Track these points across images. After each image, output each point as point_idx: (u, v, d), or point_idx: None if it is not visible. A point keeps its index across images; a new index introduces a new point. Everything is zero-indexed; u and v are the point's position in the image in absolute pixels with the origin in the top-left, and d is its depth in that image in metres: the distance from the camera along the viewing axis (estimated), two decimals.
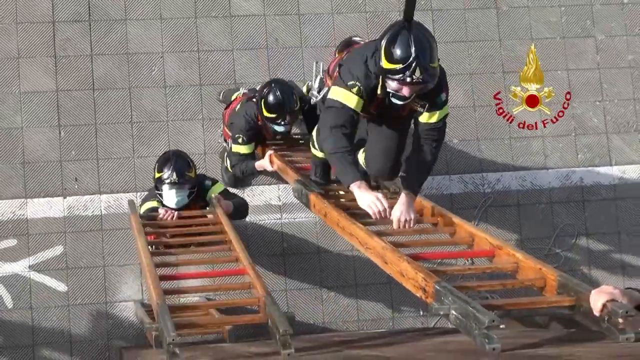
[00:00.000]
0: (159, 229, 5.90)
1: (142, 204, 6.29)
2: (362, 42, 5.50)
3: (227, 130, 6.69)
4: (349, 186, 4.77)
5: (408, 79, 4.46)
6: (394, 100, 4.69)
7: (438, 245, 5.25)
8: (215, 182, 6.30)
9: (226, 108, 6.86)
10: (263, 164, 6.43)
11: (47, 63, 7.00)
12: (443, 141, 5.07)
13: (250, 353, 4.64)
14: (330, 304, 7.05)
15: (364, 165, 5.63)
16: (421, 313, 7.07)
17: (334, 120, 4.76)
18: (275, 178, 6.89)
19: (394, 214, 4.78)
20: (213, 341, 6.10)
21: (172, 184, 5.98)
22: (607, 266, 7.37)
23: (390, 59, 4.49)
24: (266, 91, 6.28)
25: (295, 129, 6.75)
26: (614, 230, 7.43)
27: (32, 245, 6.78)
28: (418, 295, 4.00)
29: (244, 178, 6.79)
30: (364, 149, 5.59)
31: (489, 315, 3.44)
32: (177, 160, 6.08)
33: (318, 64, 6.35)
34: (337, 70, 4.96)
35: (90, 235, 6.84)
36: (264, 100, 6.26)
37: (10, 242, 6.77)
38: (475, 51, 7.49)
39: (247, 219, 6.58)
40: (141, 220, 5.83)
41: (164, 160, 6.10)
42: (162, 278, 4.91)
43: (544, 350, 3.50)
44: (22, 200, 6.83)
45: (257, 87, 6.53)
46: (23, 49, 6.98)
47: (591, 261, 7.36)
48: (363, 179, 4.79)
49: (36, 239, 6.79)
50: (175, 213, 5.94)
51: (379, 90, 4.70)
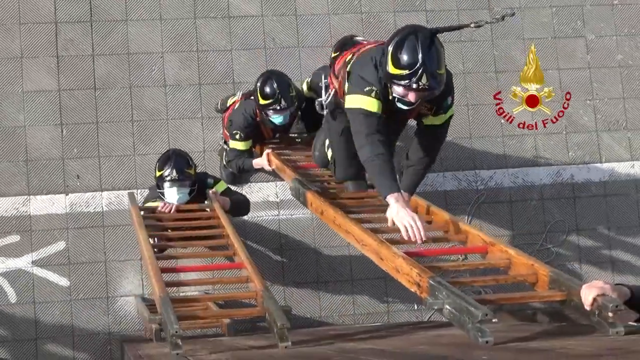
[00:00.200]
0: (157, 222, 5.92)
1: (144, 203, 6.33)
2: (365, 42, 5.38)
3: (226, 132, 6.70)
4: (385, 197, 4.50)
5: (414, 85, 4.38)
6: (399, 105, 4.57)
7: (432, 242, 5.14)
8: (217, 181, 6.34)
9: (225, 111, 6.86)
10: (261, 162, 6.44)
11: (50, 63, 7.02)
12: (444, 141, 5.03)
13: (249, 346, 4.63)
14: (327, 298, 7.07)
15: (330, 160, 5.58)
16: (415, 307, 7.08)
17: (367, 128, 4.55)
18: (273, 175, 6.90)
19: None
20: (212, 335, 6.11)
21: (173, 181, 6.06)
22: (597, 261, 7.40)
23: (397, 64, 4.39)
24: (262, 79, 6.35)
25: (293, 128, 6.74)
26: (604, 226, 7.47)
27: (35, 241, 6.79)
28: (413, 290, 3.99)
29: (240, 174, 6.78)
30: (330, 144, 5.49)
31: (482, 309, 3.44)
32: (177, 158, 6.16)
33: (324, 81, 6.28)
34: (347, 77, 4.84)
35: (91, 231, 6.86)
36: (259, 89, 6.31)
37: (14, 238, 6.79)
38: (468, 51, 7.54)
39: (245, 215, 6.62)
40: (140, 213, 5.85)
41: (164, 159, 6.18)
42: (163, 271, 4.88)
43: (536, 344, 3.47)
44: (25, 197, 6.84)
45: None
46: (26, 49, 7.01)
47: (582, 256, 7.38)
48: (400, 191, 4.54)
49: (39, 235, 6.80)
50: (174, 205, 5.99)
51: (390, 95, 4.58)
